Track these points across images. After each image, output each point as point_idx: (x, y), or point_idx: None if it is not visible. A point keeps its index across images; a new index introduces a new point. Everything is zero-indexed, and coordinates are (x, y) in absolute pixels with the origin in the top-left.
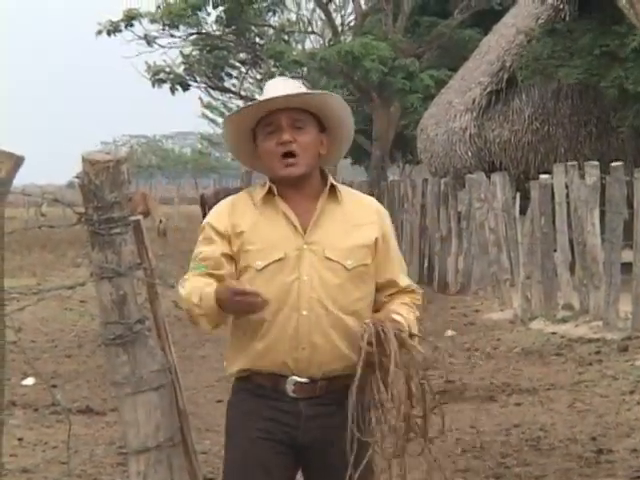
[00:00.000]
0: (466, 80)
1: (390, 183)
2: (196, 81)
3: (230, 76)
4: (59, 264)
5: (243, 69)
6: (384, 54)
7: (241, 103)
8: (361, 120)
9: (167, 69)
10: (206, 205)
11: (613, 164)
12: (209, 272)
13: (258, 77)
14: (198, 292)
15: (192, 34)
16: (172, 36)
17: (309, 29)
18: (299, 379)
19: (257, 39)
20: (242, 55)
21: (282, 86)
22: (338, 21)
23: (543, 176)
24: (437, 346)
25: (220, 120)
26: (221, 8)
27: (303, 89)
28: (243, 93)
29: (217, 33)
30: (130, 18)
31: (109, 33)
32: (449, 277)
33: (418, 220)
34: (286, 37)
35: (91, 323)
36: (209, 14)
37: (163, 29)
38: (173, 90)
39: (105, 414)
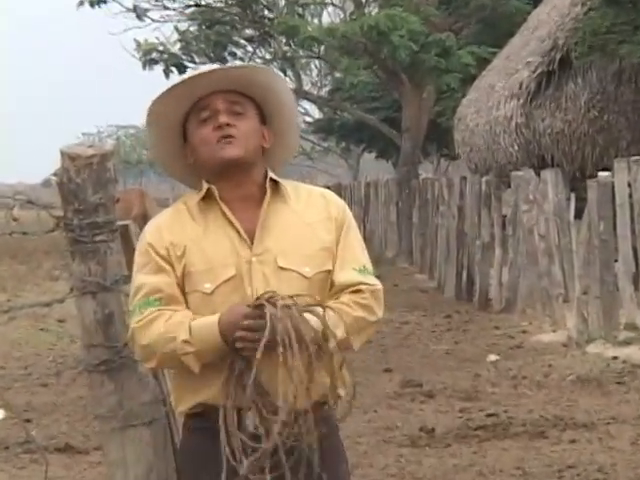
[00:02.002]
0: (512, 60)
1: (422, 181)
2: (194, 62)
3: (234, 56)
4: (33, 277)
5: (250, 48)
6: (415, 28)
7: None
8: (388, 107)
9: (160, 47)
10: None
11: None
12: (163, 309)
13: (267, 57)
14: (183, 327)
15: (190, 6)
16: (166, 8)
17: (327, 1)
18: None
19: (266, 12)
20: (248, 31)
21: (213, 67)
22: None
23: (602, 173)
24: (478, 373)
25: None
26: None
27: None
28: None
29: (219, 5)
30: None
31: (92, 4)
32: (492, 292)
33: (455, 225)
34: (300, 10)
35: (71, 346)
36: None
37: (156, 0)
38: (167, 72)
39: (88, 453)
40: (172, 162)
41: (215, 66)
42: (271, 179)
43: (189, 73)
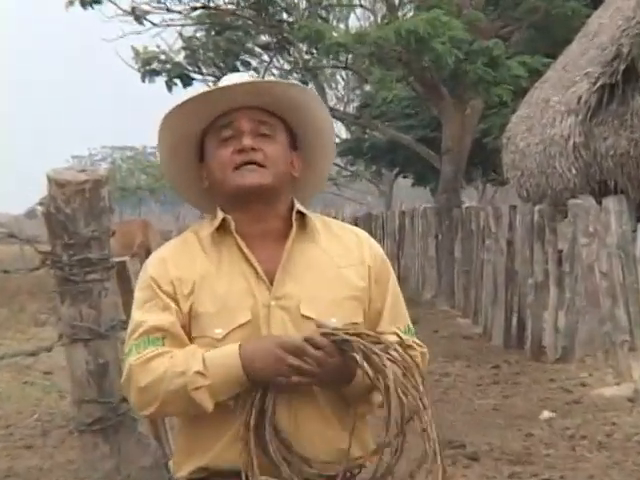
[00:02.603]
0: (569, 71)
1: (466, 211)
2: (201, 73)
3: (248, 66)
4: (16, 322)
5: (266, 56)
6: (458, 35)
7: None
8: (426, 125)
9: (162, 56)
10: None
11: None
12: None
13: (286, 67)
14: (195, 357)
15: (196, 8)
16: (168, 11)
17: (355, 2)
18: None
19: (284, 15)
20: (264, 37)
21: (241, 77)
22: None
23: None
24: (530, 433)
25: None
26: None
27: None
28: None
29: (230, 7)
30: None
31: (84, 5)
32: (546, 339)
33: (504, 261)
34: (324, 13)
35: (59, 402)
36: None
37: (158, 1)
38: (170, 85)
39: None
40: (186, 185)
41: (244, 77)
42: (298, 212)
43: (208, 87)
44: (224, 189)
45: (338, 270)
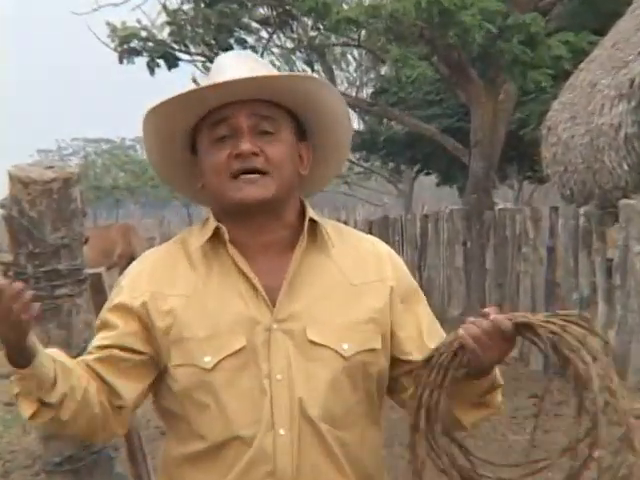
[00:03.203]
0: (619, 50)
1: (499, 213)
2: (189, 53)
3: (243, 44)
4: None
5: (264, 33)
6: (489, 7)
7: None
8: (452, 113)
9: (143, 33)
10: None
11: None
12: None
13: (288, 46)
14: None
15: None
16: None
17: None
18: None
19: None
20: (262, 11)
21: (241, 64)
22: None
23: None
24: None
25: None
26: None
27: (274, 72)
28: None
29: None
30: None
31: None
32: None
33: (544, 272)
34: None
35: (23, 438)
36: None
37: None
38: (152, 67)
39: None
40: (176, 179)
41: (242, 63)
42: (310, 219)
43: (209, 80)
44: (219, 199)
45: (352, 288)
